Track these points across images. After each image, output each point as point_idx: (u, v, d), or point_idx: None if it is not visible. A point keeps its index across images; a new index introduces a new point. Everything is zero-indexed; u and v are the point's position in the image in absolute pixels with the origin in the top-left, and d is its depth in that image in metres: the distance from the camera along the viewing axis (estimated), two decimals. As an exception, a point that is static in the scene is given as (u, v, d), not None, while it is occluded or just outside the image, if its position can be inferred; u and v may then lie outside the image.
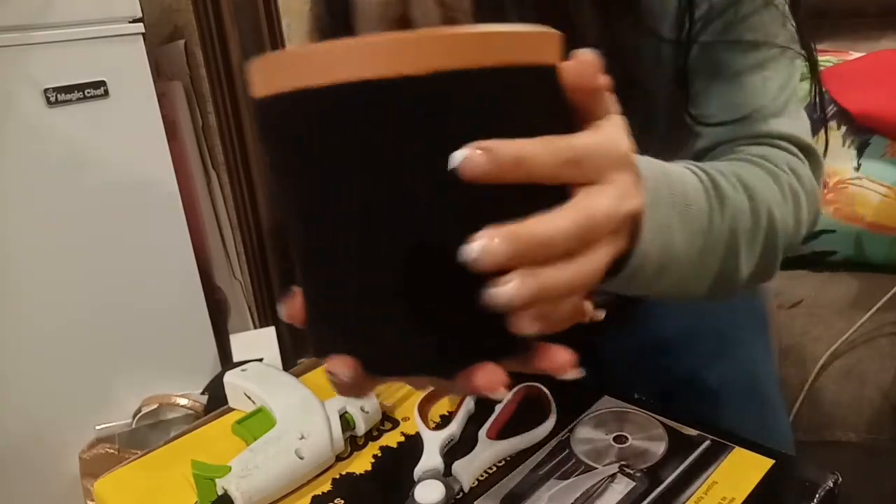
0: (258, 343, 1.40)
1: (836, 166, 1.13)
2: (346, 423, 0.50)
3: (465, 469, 0.45)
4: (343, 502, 0.45)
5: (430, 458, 0.46)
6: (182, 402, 1.29)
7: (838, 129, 1.14)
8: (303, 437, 0.47)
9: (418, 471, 0.46)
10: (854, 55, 1.23)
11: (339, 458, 0.49)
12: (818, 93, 0.59)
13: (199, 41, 1.43)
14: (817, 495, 0.41)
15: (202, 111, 1.49)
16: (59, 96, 1.15)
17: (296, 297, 0.31)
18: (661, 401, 0.51)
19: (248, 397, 0.55)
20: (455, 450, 0.48)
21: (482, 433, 0.48)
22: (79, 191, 1.20)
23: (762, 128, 0.51)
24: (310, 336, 0.32)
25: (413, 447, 0.49)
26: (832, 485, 0.42)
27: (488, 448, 0.47)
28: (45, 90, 1.14)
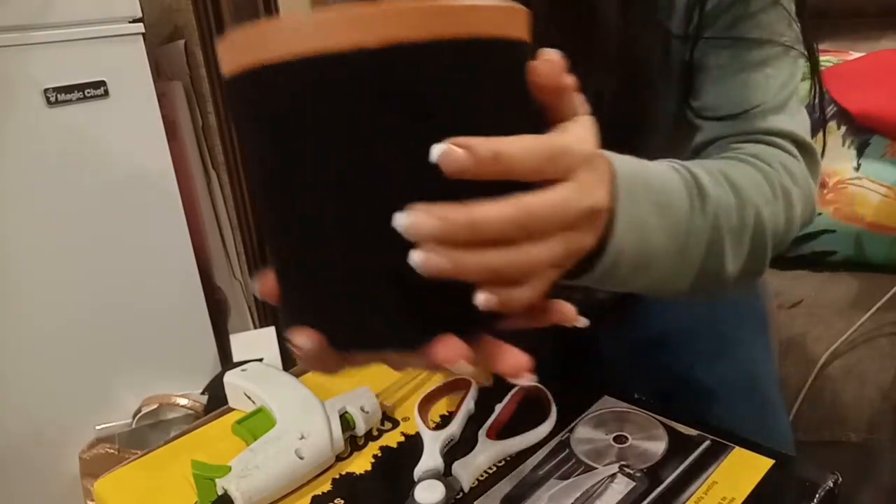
0: (258, 343, 1.40)
1: (836, 166, 1.13)
2: (346, 423, 0.50)
3: (465, 469, 0.45)
4: (343, 502, 0.45)
5: (430, 458, 0.46)
6: (182, 402, 1.29)
7: (838, 129, 1.14)
8: (303, 437, 0.47)
9: (418, 471, 0.46)
10: (854, 55, 1.22)
11: (339, 458, 0.49)
12: (818, 93, 0.59)
13: (199, 41, 1.43)
14: (817, 495, 0.41)
15: (202, 111, 1.49)
16: (59, 96, 1.15)
17: (270, 274, 0.32)
18: (660, 400, 0.51)
19: (248, 397, 0.55)
20: (455, 450, 0.48)
21: (482, 433, 0.48)
22: (79, 191, 1.20)
23: (760, 124, 0.51)
24: (280, 312, 0.32)
25: (413, 447, 0.49)
26: (832, 485, 0.42)
27: (488, 448, 0.47)
28: (45, 90, 1.14)
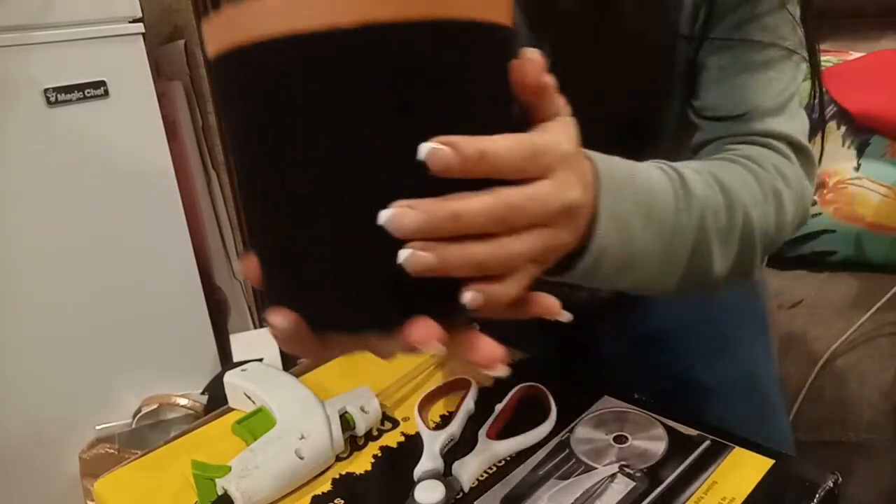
0: (258, 343, 1.40)
1: (836, 166, 1.13)
2: (346, 423, 0.50)
3: (465, 469, 0.45)
4: (343, 502, 0.45)
5: (430, 458, 0.46)
6: (182, 402, 1.29)
7: (838, 129, 1.14)
8: (303, 437, 0.47)
9: (418, 471, 0.45)
10: (854, 55, 1.22)
11: (339, 458, 0.49)
12: (819, 97, 0.59)
13: (198, 41, 1.43)
14: (817, 495, 0.41)
15: (202, 111, 1.49)
16: (59, 96, 1.15)
17: (254, 255, 0.32)
18: (660, 400, 0.51)
19: (248, 397, 0.55)
20: (455, 450, 0.48)
21: (482, 433, 0.48)
22: (79, 191, 1.20)
23: (758, 126, 0.52)
24: (264, 295, 0.32)
25: (413, 447, 0.49)
26: (832, 485, 0.42)
27: (488, 448, 0.47)
28: (45, 90, 1.14)
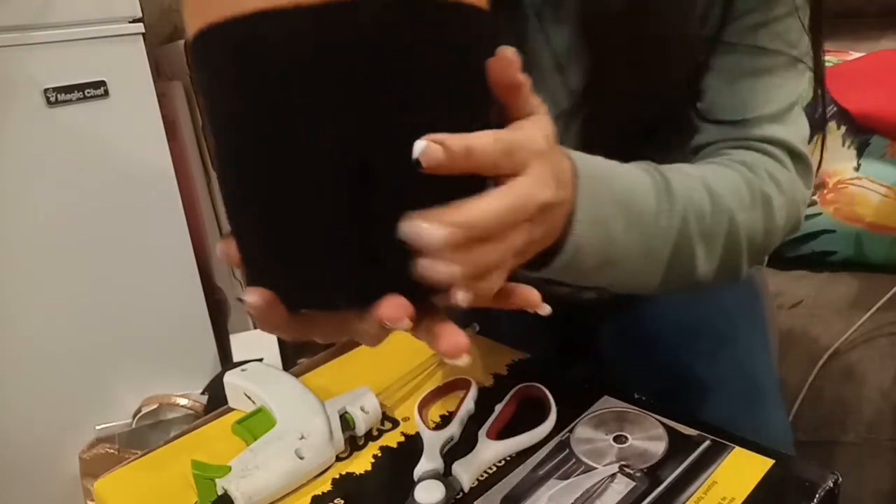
0: (258, 343, 1.40)
1: (836, 166, 1.13)
2: (346, 423, 0.50)
3: (465, 469, 0.45)
4: (343, 502, 0.45)
5: (430, 458, 0.46)
6: (182, 402, 1.29)
7: (838, 129, 1.14)
8: (303, 437, 0.47)
9: (418, 471, 0.45)
10: (854, 55, 1.22)
11: (339, 458, 0.49)
12: (821, 99, 0.59)
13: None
14: (817, 495, 0.41)
15: (202, 111, 1.49)
16: (59, 96, 1.15)
17: (233, 238, 0.32)
18: (660, 400, 0.51)
19: (248, 397, 0.55)
20: (455, 450, 0.48)
21: (482, 433, 0.48)
22: (79, 191, 1.20)
23: (756, 132, 0.52)
24: (243, 276, 0.32)
25: (413, 447, 0.49)
26: (832, 485, 0.42)
27: (488, 448, 0.47)
28: (45, 90, 1.14)
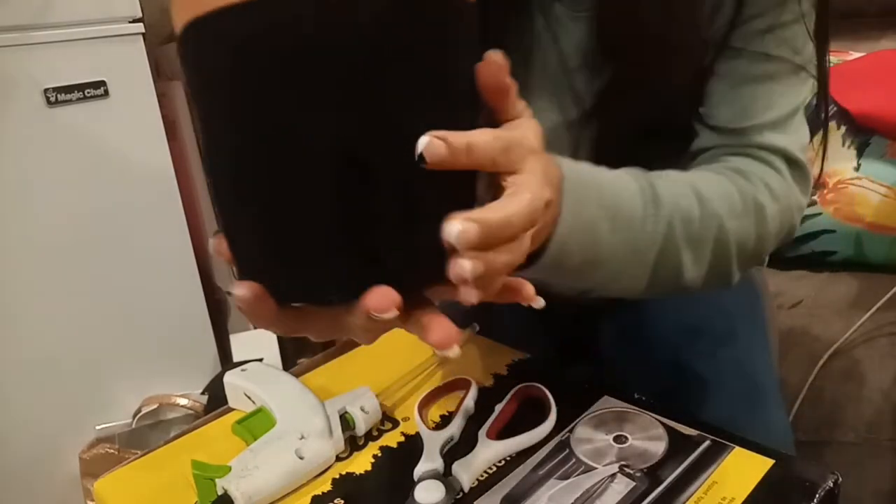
0: (258, 343, 1.40)
1: (836, 166, 1.13)
2: (346, 423, 0.50)
3: (465, 469, 0.45)
4: (343, 502, 0.45)
5: (430, 458, 0.46)
6: (182, 402, 1.29)
7: (838, 129, 1.14)
8: (303, 437, 0.47)
9: (418, 471, 0.45)
10: (854, 55, 1.22)
11: (339, 458, 0.49)
12: (823, 101, 0.59)
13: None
14: (817, 495, 0.41)
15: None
16: (59, 96, 1.15)
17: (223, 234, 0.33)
18: (660, 400, 0.51)
19: (248, 397, 0.55)
20: (455, 450, 0.48)
21: (482, 433, 0.48)
22: (79, 191, 1.20)
23: (755, 138, 0.52)
24: (234, 272, 0.32)
25: (413, 447, 0.49)
26: (832, 485, 0.42)
27: (488, 448, 0.47)
28: (45, 90, 1.14)
